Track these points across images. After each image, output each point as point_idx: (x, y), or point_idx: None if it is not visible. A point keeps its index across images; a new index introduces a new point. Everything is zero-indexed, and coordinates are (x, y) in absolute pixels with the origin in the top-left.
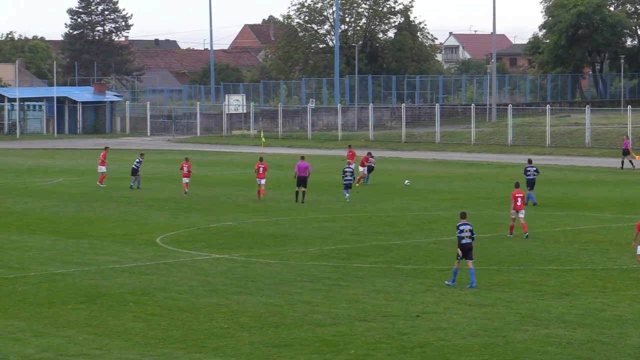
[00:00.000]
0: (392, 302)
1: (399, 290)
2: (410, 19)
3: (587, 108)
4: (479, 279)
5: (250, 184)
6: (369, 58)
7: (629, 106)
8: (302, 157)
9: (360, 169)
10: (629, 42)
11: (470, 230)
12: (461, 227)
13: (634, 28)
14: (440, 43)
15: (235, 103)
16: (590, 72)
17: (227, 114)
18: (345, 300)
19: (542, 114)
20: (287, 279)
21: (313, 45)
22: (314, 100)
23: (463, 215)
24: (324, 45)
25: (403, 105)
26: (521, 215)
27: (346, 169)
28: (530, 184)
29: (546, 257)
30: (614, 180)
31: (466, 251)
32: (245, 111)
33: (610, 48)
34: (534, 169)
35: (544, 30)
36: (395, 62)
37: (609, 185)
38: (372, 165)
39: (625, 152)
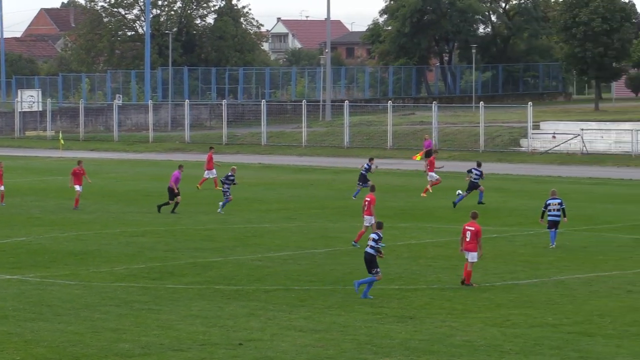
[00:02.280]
0: (211, 329)
1: (219, 315)
2: (233, 2)
3: (434, 105)
4: (312, 300)
5: (47, 192)
6: (185, 47)
7: (480, 103)
8: (180, 166)
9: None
10: (481, 29)
11: (373, 239)
12: (371, 235)
13: (487, 14)
14: (267, 30)
15: (29, 99)
16: (438, 64)
17: (19, 112)
18: (157, 327)
19: (383, 112)
20: (89, 303)
21: (120, 33)
22: (121, 96)
23: (379, 225)
24: (133, 33)
25: (224, 101)
26: (369, 223)
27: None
28: (471, 187)
29: (387, 275)
30: (464, 187)
31: (366, 262)
32: (41, 109)
33: (460, 36)
34: (479, 172)
35: (385, 16)
36: (215, 52)
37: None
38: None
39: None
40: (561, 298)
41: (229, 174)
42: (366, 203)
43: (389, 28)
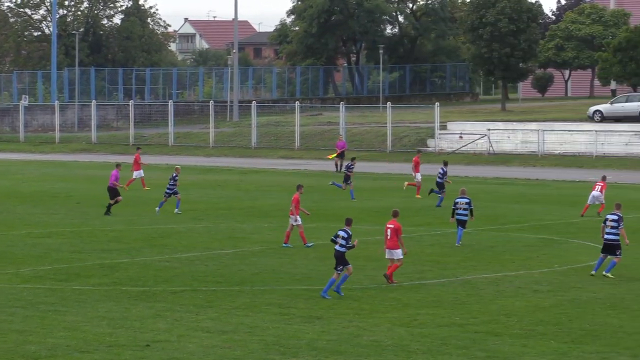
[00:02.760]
0: (118, 330)
1: (125, 316)
2: (140, 2)
3: (341, 105)
4: (220, 301)
5: None
6: (92, 48)
7: (388, 103)
8: (117, 165)
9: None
10: (388, 30)
11: (343, 237)
12: (339, 233)
13: (394, 14)
14: (175, 31)
15: None
16: (346, 64)
17: None
18: (64, 328)
19: (291, 112)
20: None
21: (26, 33)
22: (27, 96)
23: (348, 222)
24: (39, 33)
25: (131, 102)
26: (295, 222)
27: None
28: (439, 186)
29: (295, 276)
30: (371, 187)
31: (335, 258)
32: None
33: (367, 37)
34: (443, 171)
35: (293, 17)
36: (122, 52)
37: (366, 192)
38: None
39: (342, 154)
40: (468, 298)
41: (174, 174)
42: (294, 204)
43: (297, 28)
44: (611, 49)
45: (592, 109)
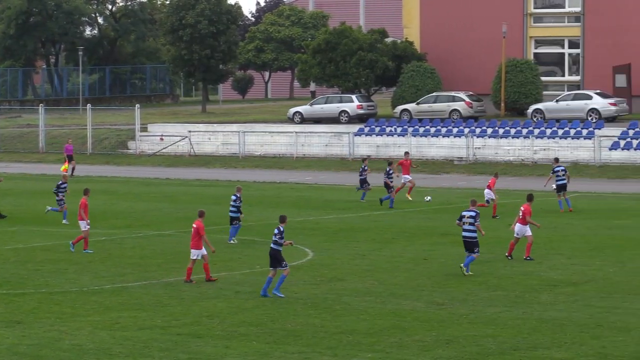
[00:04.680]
0: None
1: None
2: None
3: (40, 107)
4: None
5: None
6: None
7: (88, 105)
8: None
9: None
10: (88, 31)
11: (275, 235)
12: (275, 231)
13: (93, 15)
14: None
15: None
16: (45, 66)
17: None
18: None
19: None
20: None
21: None
22: None
23: (282, 219)
24: None
25: None
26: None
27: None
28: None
29: None
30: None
31: (270, 257)
32: None
33: (67, 38)
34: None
35: None
36: None
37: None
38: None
39: (70, 158)
40: (170, 300)
41: (61, 182)
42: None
43: None
44: (310, 51)
45: (292, 110)
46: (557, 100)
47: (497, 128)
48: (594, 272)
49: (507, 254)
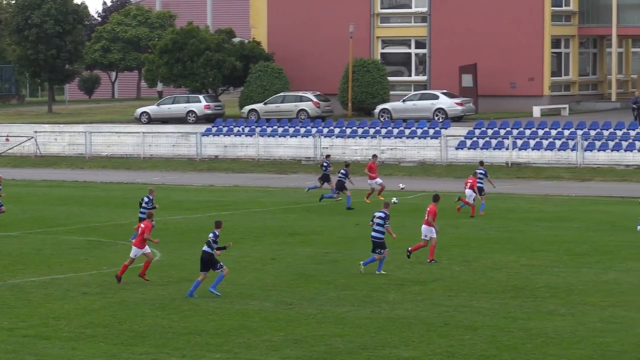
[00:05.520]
0: None
1: None
2: None
3: None
4: None
5: None
6: None
7: None
8: None
9: None
10: None
11: (210, 238)
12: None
13: None
14: None
15: None
16: None
17: None
18: None
19: None
20: None
21: None
22: None
23: (217, 225)
24: None
25: None
26: None
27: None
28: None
29: None
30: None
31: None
32: None
33: None
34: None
35: None
36: None
37: None
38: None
39: None
40: (16, 302)
41: None
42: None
43: None
44: (157, 51)
45: (139, 110)
46: (404, 100)
47: (344, 128)
48: (441, 271)
49: (409, 249)
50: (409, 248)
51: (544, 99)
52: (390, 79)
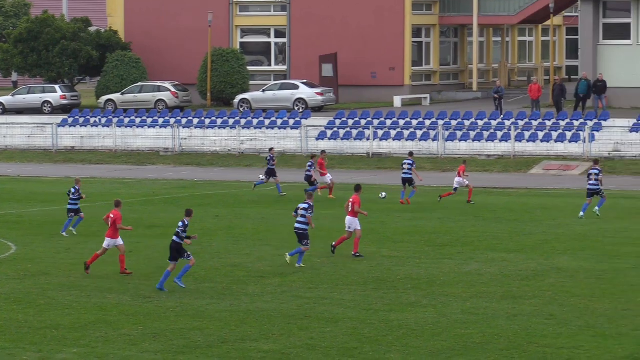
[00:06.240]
0: None
1: None
2: None
3: None
4: None
5: None
6: None
7: None
8: None
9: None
10: None
11: (179, 227)
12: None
13: None
14: None
15: None
16: None
17: None
18: None
19: None
20: None
21: None
22: None
23: (187, 213)
24: None
25: None
26: None
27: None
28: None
29: None
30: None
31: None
32: None
33: None
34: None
35: None
36: None
37: None
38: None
39: None
40: None
41: None
42: None
43: None
44: (12, 40)
45: None
46: (263, 90)
47: (203, 118)
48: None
49: (333, 244)
50: (333, 243)
51: (405, 89)
52: (250, 68)
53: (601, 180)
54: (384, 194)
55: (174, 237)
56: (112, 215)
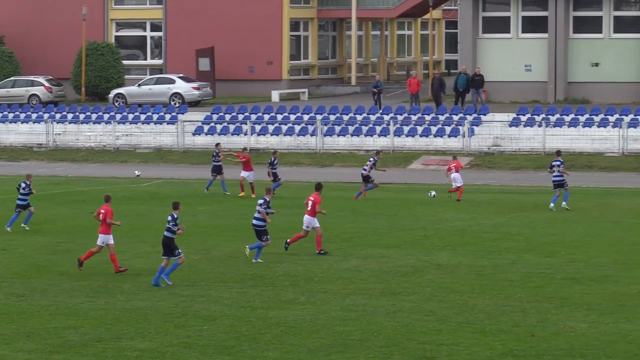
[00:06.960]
0: None
1: None
2: None
3: None
4: None
5: None
6: None
7: None
8: None
9: None
10: None
11: (169, 222)
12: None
13: None
14: None
15: None
16: None
17: None
18: None
19: None
20: None
21: None
22: None
23: (175, 206)
24: None
25: None
26: None
27: None
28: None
29: None
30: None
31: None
32: None
33: None
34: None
35: None
36: None
37: None
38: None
39: None
40: None
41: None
42: None
43: None
44: None
45: None
46: (139, 85)
47: (77, 113)
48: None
49: (287, 241)
50: (287, 240)
51: (282, 83)
52: (125, 62)
53: (565, 172)
54: (433, 192)
55: (165, 233)
56: (102, 211)
